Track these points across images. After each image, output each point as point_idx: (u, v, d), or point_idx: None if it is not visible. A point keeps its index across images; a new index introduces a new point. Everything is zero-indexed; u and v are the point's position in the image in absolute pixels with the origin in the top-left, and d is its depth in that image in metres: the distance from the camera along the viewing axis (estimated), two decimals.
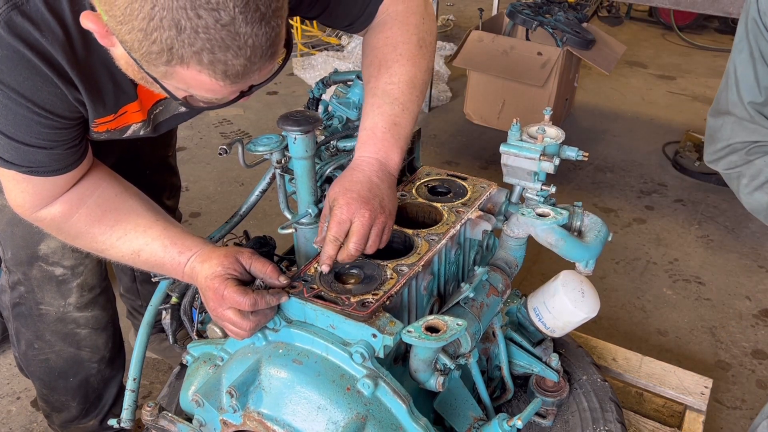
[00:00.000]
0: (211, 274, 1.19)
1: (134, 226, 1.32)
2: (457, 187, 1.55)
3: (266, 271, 1.20)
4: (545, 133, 1.41)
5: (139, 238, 1.31)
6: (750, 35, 1.47)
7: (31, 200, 1.29)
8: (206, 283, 1.20)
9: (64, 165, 1.26)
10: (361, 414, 1.12)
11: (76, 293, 1.76)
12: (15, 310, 1.80)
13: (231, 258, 1.21)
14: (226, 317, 1.18)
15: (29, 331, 1.81)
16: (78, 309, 1.79)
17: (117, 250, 1.33)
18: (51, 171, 1.24)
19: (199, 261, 1.25)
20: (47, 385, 1.90)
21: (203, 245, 1.28)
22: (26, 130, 1.18)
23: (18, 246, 1.68)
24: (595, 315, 1.46)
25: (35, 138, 1.19)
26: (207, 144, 4.22)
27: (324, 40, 5.87)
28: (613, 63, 4.39)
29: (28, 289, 1.74)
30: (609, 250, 3.24)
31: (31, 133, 1.18)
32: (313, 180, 1.36)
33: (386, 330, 1.12)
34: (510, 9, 4.42)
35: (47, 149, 1.22)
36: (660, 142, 4.46)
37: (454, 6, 7.42)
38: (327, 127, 1.50)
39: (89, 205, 1.32)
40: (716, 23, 7.04)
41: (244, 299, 1.15)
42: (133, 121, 1.38)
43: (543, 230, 1.33)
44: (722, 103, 1.58)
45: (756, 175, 1.54)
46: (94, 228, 1.32)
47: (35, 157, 1.22)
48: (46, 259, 1.69)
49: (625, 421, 1.54)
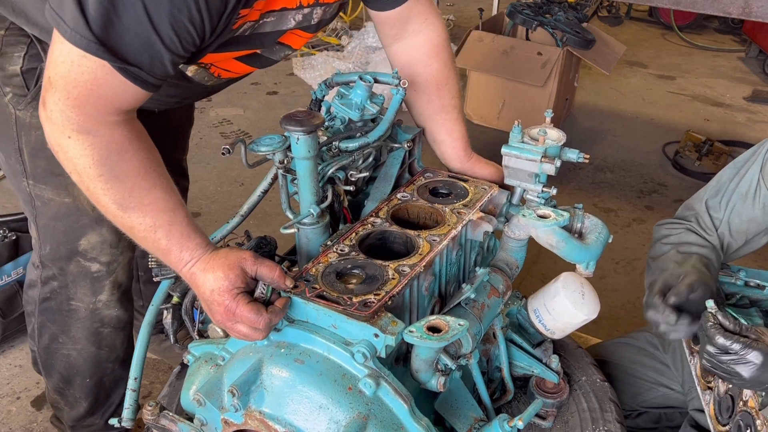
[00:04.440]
0: (218, 288, 1.18)
1: (154, 200, 1.21)
2: (459, 188, 1.56)
3: (274, 276, 1.19)
4: (546, 135, 1.41)
5: (156, 215, 1.21)
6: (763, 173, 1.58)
7: (101, 104, 1.13)
8: (212, 297, 1.18)
9: (155, 78, 1.16)
10: (363, 413, 1.13)
11: (107, 291, 1.77)
12: (43, 305, 1.80)
13: (236, 270, 1.19)
14: (237, 330, 1.18)
15: (55, 326, 1.82)
16: (107, 307, 1.80)
17: (135, 216, 1.20)
18: (141, 77, 1.13)
19: (200, 269, 1.22)
20: (65, 380, 1.91)
21: (205, 249, 1.25)
22: (169, 11, 1.06)
23: (59, 241, 1.69)
24: (595, 316, 1.46)
25: (170, 29, 1.08)
26: (207, 144, 4.22)
27: (324, 40, 5.87)
28: (613, 63, 4.39)
29: (62, 284, 1.75)
30: (609, 251, 3.24)
31: (172, 20, 1.07)
32: (315, 180, 1.36)
33: (388, 330, 1.12)
34: (510, 9, 4.42)
35: (166, 48, 1.11)
36: (660, 142, 4.47)
37: (454, 6, 7.42)
38: (329, 128, 1.50)
39: (142, 149, 1.20)
40: (716, 23, 7.05)
41: (259, 319, 1.14)
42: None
43: (544, 232, 1.34)
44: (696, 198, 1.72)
45: (679, 238, 1.66)
46: (140, 178, 1.19)
47: (148, 51, 1.10)
48: (85, 255, 1.70)
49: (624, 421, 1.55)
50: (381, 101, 1.55)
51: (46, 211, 1.66)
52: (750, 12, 2.92)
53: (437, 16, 1.66)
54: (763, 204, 1.59)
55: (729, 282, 1.71)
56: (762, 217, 1.60)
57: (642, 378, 1.78)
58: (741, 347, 1.26)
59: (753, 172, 1.60)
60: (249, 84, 5.13)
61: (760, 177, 1.58)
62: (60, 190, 1.63)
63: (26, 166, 1.62)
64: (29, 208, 1.69)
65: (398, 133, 1.62)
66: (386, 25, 1.64)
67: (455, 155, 1.67)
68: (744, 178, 1.62)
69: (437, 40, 1.65)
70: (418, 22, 1.63)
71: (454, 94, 1.66)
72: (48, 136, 1.18)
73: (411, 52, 1.65)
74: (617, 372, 1.78)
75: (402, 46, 1.66)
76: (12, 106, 1.57)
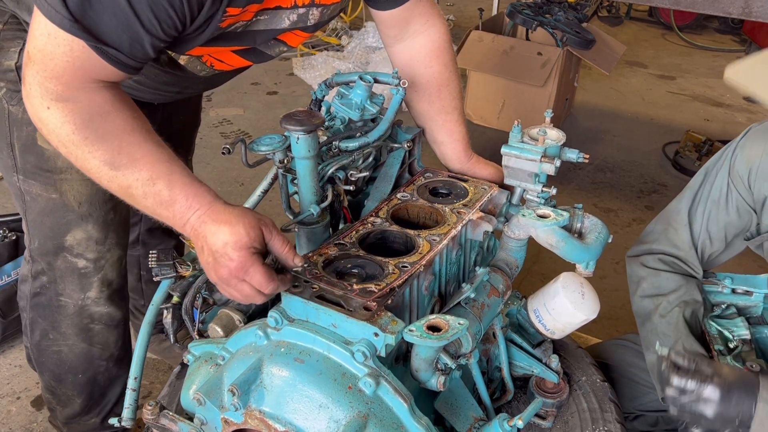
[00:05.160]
0: (234, 242, 1.13)
1: (146, 153, 1.18)
2: (459, 188, 1.56)
3: (284, 251, 1.18)
4: (546, 135, 1.42)
5: (152, 166, 1.18)
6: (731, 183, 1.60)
7: (78, 74, 1.11)
8: (225, 250, 1.14)
9: (135, 61, 1.15)
10: (363, 413, 1.13)
11: (96, 288, 1.78)
12: (34, 299, 1.81)
13: (257, 229, 1.16)
14: (239, 289, 1.16)
15: (45, 322, 1.82)
16: (96, 303, 1.80)
17: (130, 173, 1.16)
18: (119, 59, 1.12)
19: (212, 219, 1.16)
20: (56, 377, 1.91)
21: (214, 199, 1.19)
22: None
23: (46, 236, 1.70)
24: (595, 317, 1.46)
25: (149, 11, 1.08)
26: (207, 144, 4.22)
27: (324, 40, 5.87)
28: (613, 63, 4.39)
29: (51, 279, 1.76)
30: (609, 250, 3.23)
31: (151, 3, 1.07)
32: (315, 180, 1.36)
33: (388, 329, 1.12)
34: (510, 9, 4.42)
35: (146, 30, 1.10)
36: (660, 142, 4.47)
37: (454, 6, 7.42)
38: (329, 127, 1.50)
39: (126, 110, 1.18)
40: (716, 23, 7.05)
41: (270, 283, 1.14)
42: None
43: (544, 232, 1.34)
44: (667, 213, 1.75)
45: (655, 286, 1.66)
46: (126, 135, 1.16)
47: (127, 33, 1.09)
48: (71, 251, 1.71)
49: (624, 421, 1.55)
50: (381, 101, 1.55)
51: (35, 206, 1.67)
52: (750, 12, 2.92)
53: (439, 17, 1.66)
54: (736, 207, 1.60)
55: (715, 291, 1.71)
56: (737, 220, 1.62)
57: (639, 381, 1.78)
58: (696, 384, 1.23)
59: (722, 177, 1.61)
60: (249, 84, 5.13)
61: (729, 181, 1.59)
62: (48, 186, 1.63)
63: (17, 161, 1.63)
64: (20, 203, 1.71)
65: (398, 133, 1.63)
66: (387, 25, 1.64)
67: (455, 156, 1.67)
68: (714, 184, 1.63)
69: (439, 41, 1.65)
70: (420, 23, 1.63)
71: (455, 95, 1.67)
72: (31, 115, 1.18)
73: (412, 52, 1.65)
74: (614, 374, 1.78)
75: (403, 47, 1.66)
76: (5, 101, 1.58)
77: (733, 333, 1.57)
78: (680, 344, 1.54)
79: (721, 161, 1.63)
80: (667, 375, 1.25)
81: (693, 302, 1.62)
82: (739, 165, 1.56)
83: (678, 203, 1.72)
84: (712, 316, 1.64)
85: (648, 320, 1.66)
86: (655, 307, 1.64)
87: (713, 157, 1.67)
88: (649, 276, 1.69)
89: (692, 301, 1.62)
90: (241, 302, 1.23)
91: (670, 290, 1.64)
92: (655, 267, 1.69)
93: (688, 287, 1.64)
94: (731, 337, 1.56)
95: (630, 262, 1.77)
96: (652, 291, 1.67)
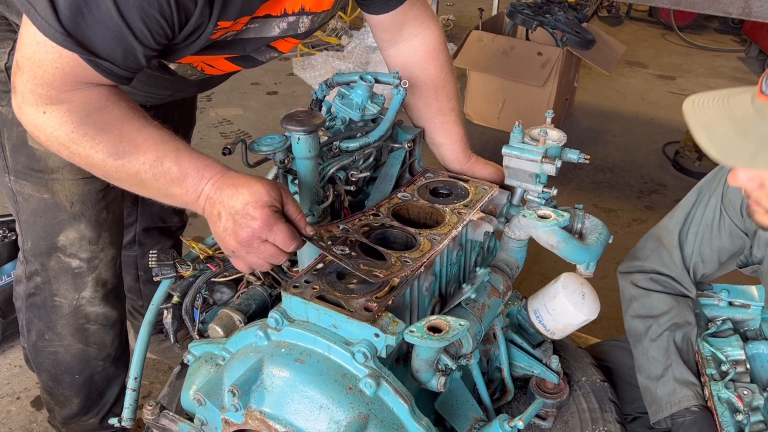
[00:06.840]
0: (256, 202, 1.12)
1: (148, 136, 1.18)
2: (459, 188, 1.56)
3: (298, 217, 1.18)
4: (547, 135, 1.42)
5: (156, 147, 1.18)
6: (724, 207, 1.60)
7: (68, 79, 1.12)
8: (246, 210, 1.12)
9: (128, 72, 1.16)
10: (363, 413, 1.13)
11: (90, 287, 1.77)
12: (29, 300, 1.81)
13: (276, 189, 1.15)
14: (261, 250, 1.14)
15: (41, 322, 1.82)
16: (91, 303, 1.80)
17: (135, 158, 1.17)
18: (113, 71, 1.13)
19: (229, 183, 1.15)
20: (53, 378, 1.91)
21: (224, 168, 1.19)
22: (139, 4, 1.06)
23: (38, 236, 1.69)
24: (595, 317, 1.46)
25: (140, 22, 1.08)
26: (207, 144, 4.22)
27: (324, 40, 5.87)
28: (613, 63, 4.39)
29: (45, 279, 1.75)
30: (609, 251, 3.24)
31: (142, 14, 1.07)
32: (316, 180, 1.36)
33: (389, 330, 1.12)
34: (510, 9, 4.42)
35: (138, 41, 1.10)
36: (660, 142, 4.47)
37: (454, 6, 7.42)
38: (330, 128, 1.50)
39: (123, 102, 1.19)
40: (716, 23, 7.05)
41: (293, 242, 1.13)
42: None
43: (544, 232, 1.34)
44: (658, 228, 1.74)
45: (647, 307, 1.67)
46: (125, 124, 1.17)
47: (120, 46, 1.10)
48: (64, 251, 1.70)
49: (624, 421, 1.55)
50: (381, 101, 1.55)
51: (27, 206, 1.67)
52: (750, 12, 2.92)
53: (433, 19, 1.66)
54: (729, 232, 1.60)
55: (711, 304, 1.70)
56: (731, 244, 1.62)
57: (636, 384, 1.78)
58: None
59: (715, 202, 1.61)
60: (249, 84, 5.13)
61: (722, 207, 1.59)
62: (39, 186, 1.63)
63: (8, 162, 1.63)
64: (12, 204, 1.71)
65: (399, 133, 1.62)
66: (381, 29, 1.65)
67: (454, 157, 1.67)
68: (707, 208, 1.63)
69: (433, 44, 1.65)
70: (414, 26, 1.63)
71: (452, 96, 1.67)
72: (26, 124, 1.18)
73: (407, 55, 1.65)
74: (612, 376, 1.78)
75: (398, 50, 1.66)
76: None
77: (726, 355, 1.57)
78: (670, 372, 1.55)
79: (714, 184, 1.62)
80: None
81: (685, 324, 1.62)
82: (732, 193, 1.56)
83: (669, 222, 1.71)
84: (705, 335, 1.64)
85: (639, 343, 1.66)
86: (646, 329, 1.64)
87: (707, 177, 1.66)
88: (640, 296, 1.69)
89: (684, 323, 1.62)
90: (259, 269, 1.21)
91: (661, 312, 1.64)
92: (646, 287, 1.69)
93: (680, 308, 1.64)
94: (724, 359, 1.56)
95: (622, 279, 1.77)
96: (644, 311, 1.67)
